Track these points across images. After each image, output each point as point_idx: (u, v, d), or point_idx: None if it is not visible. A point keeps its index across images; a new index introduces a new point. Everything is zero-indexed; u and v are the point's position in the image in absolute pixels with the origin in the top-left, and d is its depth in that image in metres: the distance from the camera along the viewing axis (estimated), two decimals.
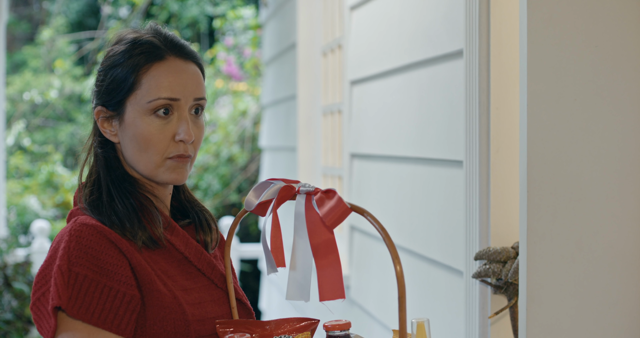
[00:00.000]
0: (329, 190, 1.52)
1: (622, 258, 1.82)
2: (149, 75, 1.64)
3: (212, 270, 1.71)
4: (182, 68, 1.67)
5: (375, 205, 3.13)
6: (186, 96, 1.66)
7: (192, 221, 1.76)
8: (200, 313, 1.63)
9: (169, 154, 1.66)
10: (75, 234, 1.58)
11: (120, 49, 1.67)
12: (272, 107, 5.92)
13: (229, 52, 9.40)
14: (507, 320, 2.11)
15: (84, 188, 1.69)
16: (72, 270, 1.54)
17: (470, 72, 2.16)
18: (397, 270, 1.43)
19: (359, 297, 3.35)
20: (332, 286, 1.50)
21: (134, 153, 1.66)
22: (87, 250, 1.56)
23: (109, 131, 1.69)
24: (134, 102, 1.64)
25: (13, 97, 10.14)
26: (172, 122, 1.65)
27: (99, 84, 1.69)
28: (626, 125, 1.82)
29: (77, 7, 12.30)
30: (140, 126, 1.64)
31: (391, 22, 2.94)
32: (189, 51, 1.70)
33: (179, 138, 1.65)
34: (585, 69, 1.81)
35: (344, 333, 1.56)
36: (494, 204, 2.11)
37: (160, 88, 1.64)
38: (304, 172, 4.74)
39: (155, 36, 1.68)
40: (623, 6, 1.81)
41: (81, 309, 1.53)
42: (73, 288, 1.53)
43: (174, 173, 1.67)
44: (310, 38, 4.72)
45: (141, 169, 1.67)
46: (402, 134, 2.80)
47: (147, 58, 1.65)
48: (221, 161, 8.81)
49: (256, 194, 1.59)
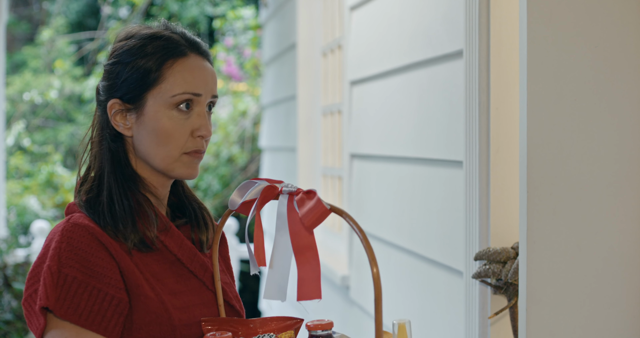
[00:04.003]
0: (309, 191, 1.54)
1: (622, 258, 1.82)
2: (174, 70, 1.66)
3: (205, 272, 1.71)
4: (203, 65, 1.69)
5: (375, 205, 3.13)
6: (206, 92, 1.69)
7: (188, 220, 1.77)
8: (187, 317, 1.64)
9: (187, 149, 1.67)
10: (67, 234, 1.58)
11: (139, 44, 1.67)
12: (272, 107, 5.92)
13: (229, 53, 9.40)
14: (507, 320, 2.11)
15: (84, 182, 1.69)
16: (62, 271, 1.55)
17: (470, 73, 2.16)
18: (373, 272, 1.44)
19: (359, 297, 3.35)
20: (309, 287, 1.51)
21: (151, 147, 1.67)
22: (77, 251, 1.57)
23: (122, 125, 1.68)
24: (157, 96, 1.65)
25: (13, 97, 10.14)
26: (192, 118, 1.67)
27: (113, 77, 1.68)
28: (626, 125, 1.82)
29: (77, 7, 12.30)
30: (161, 119, 1.65)
31: (391, 22, 2.93)
32: (205, 49, 1.73)
33: (199, 133, 1.67)
34: (585, 69, 1.81)
35: (326, 333, 1.58)
36: (493, 204, 2.11)
37: (186, 83, 1.66)
38: (304, 172, 4.74)
39: (174, 33, 1.70)
40: (623, 6, 1.81)
41: (69, 310, 1.53)
42: (62, 289, 1.54)
43: (190, 167, 1.69)
44: (310, 38, 4.72)
45: (157, 163, 1.67)
46: (402, 135, 2.80)
47: (170, 53, 1.67)
48: (221, 161, 8.80)
49: (240, 194, 1.61)
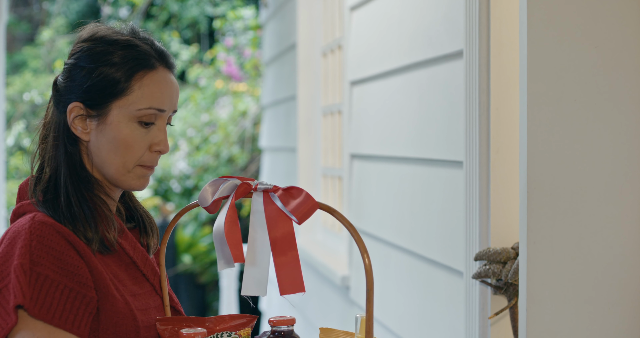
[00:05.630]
0: (293, 187, 1.54)
1: (622, 258, 1.82)
2: (142, 83, 1.64)
3: (154, 276, 1.72)
4: (169, 79, 1.68)
5: (375, 205, 3.13)
6: (170, 108, 1.68)
7: (136, 224, 1.77)
8: (147, 319, 1.64)
9: (142, 162, 1.66)
10: (36, 232, 1.56)
11: (105, 50, 1.65)
12: (272, 107, 5.92)
13: (229, 53, 9.40)
14: (507, 320, 2.11)
15: (37, 183, 1.66)
16: (34, 270, 1.53)
17: (470, 73, 2.16)
18: (365, 262, 1.45)
19: (359, 297, 3.35)
20: (292, 281, 1.51)
21: (107, 155, 1.65)
22: (48, 250, 1.56)
23: (81, 129, 1.66)
24: (122, 106, 1.64)
25: (13, 97, 10.14)
26: (152, 132, 1.66)
27: (75, 79, 1.65)
28: (626, 125, 1.82)
29: (77, 7, 12.31)
30: (123, 130, 1.64)
31: (391, 22, 2.93)
32: (172, 61, 1.71)
33: (157, 148, 1.67)
34: (585, 70, 1.81)
35: (289, 328, 1.58)
36: (494, 204, 2.11)
37: (152, 98, 1.65)
38: (304, 172, 4.74)
39: (145, 42, 1.68)
40: (623, 6, 1.81)
41: (42, 309, 1.52)
42: (34, 288, 1.53)
43: (141, 180, 1.68)
44: (310, 38, 4.72)
45: (110, 172, 1.66)
46: (402, 135, 2.80)
47: (141, 65, 1.65)
48: (221, 161, 8.80)
49: (212, 191, 1.60)
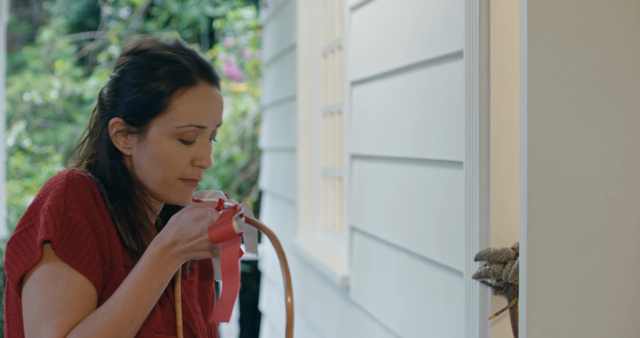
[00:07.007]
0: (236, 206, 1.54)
1: (622, 258, 1.82)
2: (182, 100, 1.62)
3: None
4: (211, 95, 1.65)
5: (375, 206, 3.13)
6: (211, 124, 1.66)
7: None
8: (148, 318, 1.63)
9: (184, 176, 1.65)
10: (73, 181, 1.57)
11: (149, 65, 1.64)
12: (272, 108, 5.91)
13: (229, 53, 9.39)
14: (507, 321, 2.11)
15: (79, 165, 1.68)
16: (67, 214, 1.54)
17: (471, 73, 2.16)
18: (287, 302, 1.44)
19: (359, 298, 3.34)
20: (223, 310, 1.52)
21: (148, 170, 1.64)
22: (81, 199, 1.56)
23: (123, 144, 1.65)
24: (162, 124, 1.62)
25: (13, 98, 10.14)
26: (194, 147, 1.64)
27: (119, 93, 1.65)
28: (626, 126, 1.82)
29: (77, 7, 12.30)
30: (163, 147, 1.62)
31: (391, 22, 2.93)
32: (216, 76, 1.68)
33: (199, 164, 1.65)
34: (585, 70, 1.81)
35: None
36: (494, 204, 2.11)
37: (192, 116, 1.62)
38: (304, 173, 4.74)
39: (187, 57, 1.65)
40: (623, 6, 1.81)
41: (70, 252, 1.53)
42: (66, 230, 1.53)
43: (182, 194, 1.66)
44: (311, 39, 4.72)
45: (153, 186, 1.66)
46: (402, 135, 2.80)
47: (181, 82, 1.63)
48: (221, 161, 8.80)
49: None
